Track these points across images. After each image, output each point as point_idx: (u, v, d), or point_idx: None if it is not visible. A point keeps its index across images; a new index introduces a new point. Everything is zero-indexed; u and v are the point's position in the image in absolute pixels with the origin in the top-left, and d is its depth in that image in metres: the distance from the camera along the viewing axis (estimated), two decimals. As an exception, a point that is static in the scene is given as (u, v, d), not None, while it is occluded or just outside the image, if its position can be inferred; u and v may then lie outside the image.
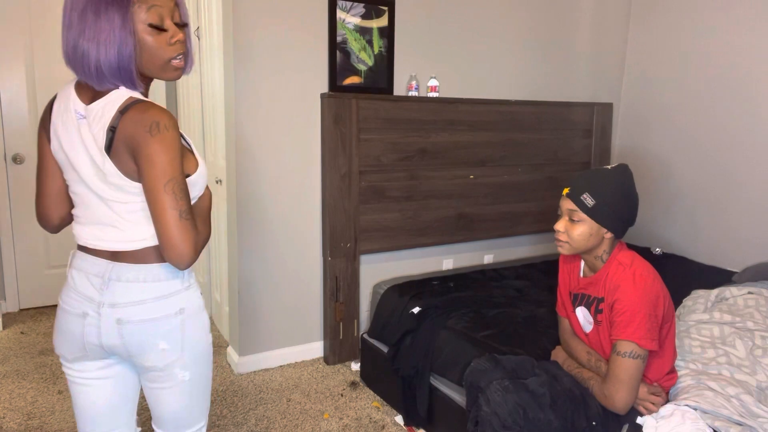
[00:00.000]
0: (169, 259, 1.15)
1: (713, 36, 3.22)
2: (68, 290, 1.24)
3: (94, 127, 1.15)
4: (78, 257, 1.25)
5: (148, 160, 1.10)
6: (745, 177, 3.12)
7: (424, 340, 2.30)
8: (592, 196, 1.65)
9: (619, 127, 3.81)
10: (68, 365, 1.30)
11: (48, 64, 3.48)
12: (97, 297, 1.20)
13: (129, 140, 1.11)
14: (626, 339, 1.59)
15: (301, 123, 2.76)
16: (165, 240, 1.12)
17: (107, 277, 1.20)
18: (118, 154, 1.13)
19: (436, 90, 2.99)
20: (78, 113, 1.17)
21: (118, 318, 1.19)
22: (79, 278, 1.23)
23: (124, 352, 1.24)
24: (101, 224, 1.21)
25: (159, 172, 1.10)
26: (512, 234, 3.42)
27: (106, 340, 1.22)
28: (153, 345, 1.22)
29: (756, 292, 2.43)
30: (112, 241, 1.20)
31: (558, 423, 1.64)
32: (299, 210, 2.82)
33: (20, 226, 3.52)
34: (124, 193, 1.17)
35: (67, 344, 1.26)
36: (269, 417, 2.42)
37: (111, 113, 1.13)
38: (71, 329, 1.24)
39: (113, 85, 1.15)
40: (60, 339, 1.27)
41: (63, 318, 1.25)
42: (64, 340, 1.26)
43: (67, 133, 1.18)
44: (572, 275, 1.87)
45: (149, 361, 1.24)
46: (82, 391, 1.31)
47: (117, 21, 1.10)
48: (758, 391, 1.78)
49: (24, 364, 2.85)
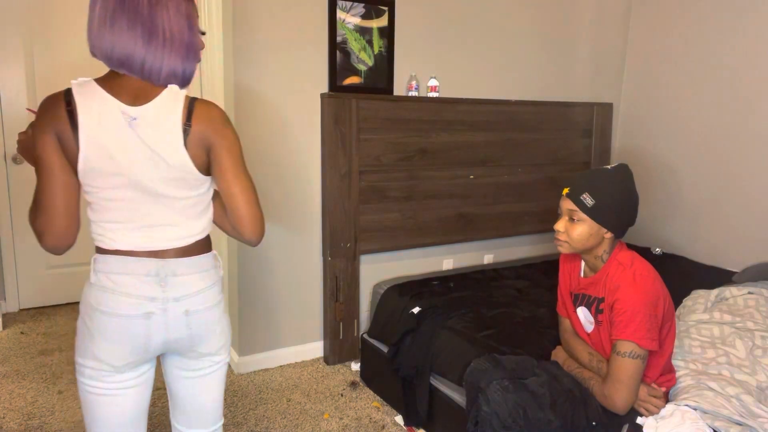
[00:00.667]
0: (252, 235, 1.26)
1: (713, 36, 3.22)
2: (114, 296, 1.19)
3: (160, 127, 1.15)
4: (117, 261, 1.20)
5: (229, 149, 1.21)
6: (745, 177, 3.12)
7: (424, 340, 2.30)
8: (592, 195, 1.65)
9: (619, 127, 3.81)
10: (106, 376, 1.22)
11: (48, 64, 3.48)
12: (160, 294, 1.21)
13: (203, 134, 1.18)
14: (626, 339, 1.59)
15: (301, 123, 2.76)
16: (251, 217, 1.25)
17: (164, 275, 1.22)
18: (192, 149, 1.18)
19: (436, 90, 2.99)
20: (128, 115, 1.14)
21: (185, 310, 1.25)
22: (127, 281, 1.20)
23: (186, 343, 1.28)
24: (152, 226, 1.21)
25: (238, 158, 1.23)
26: (512, 234, 3.42)
27: (172, 335, 1.25)
28: (213, 330, 1.31)
29: (756, 292, 2.43)
30: (165, 240, 1.23)
31: (558, 423, 1.64)
32: (299, 210, 2.82)
33: (20, 226, 3.52)
34: (187, 189, 1.22)
35: (120, 351, 1.21)
36: (269, 417, 2.42)
37: (178, 112, 1.17)
38: (131, 333, 1.20)
39: (165, 85, 1.19)
40: (108, 348, 1.20)
41: (116, 324, 1.19)
42: (115, 347, 1.20)
43: (115, 136, 1.13)
44: (572, 275, 1.87)
45: (208, 347, 1.32)
46: (113, 401, 1.25)
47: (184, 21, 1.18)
48: (758, 391, 1.78)
49: (24, 364, 2.85)
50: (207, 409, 1.39)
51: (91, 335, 1.21)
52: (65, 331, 3.28)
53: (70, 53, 3.52)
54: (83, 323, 1.23)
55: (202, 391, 1.37)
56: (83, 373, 1.23)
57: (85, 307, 1.22)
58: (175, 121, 1.16)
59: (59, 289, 3.68)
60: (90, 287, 1.22)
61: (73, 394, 2.57)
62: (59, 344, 3.10)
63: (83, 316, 1.23)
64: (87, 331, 1.21)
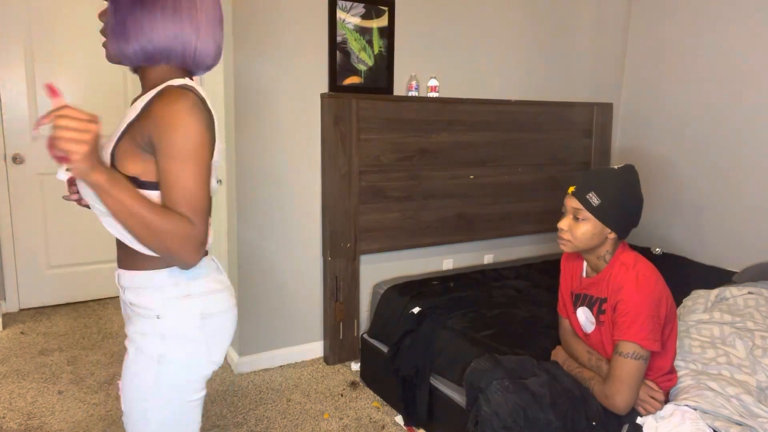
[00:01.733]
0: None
1: (713, 36, 3.22)
2: (224, 293, 1.22)
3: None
4: (209, 261, 1.21)
5: None
6: (745, 177, 3.12)
7: (424, 340, 2.30)
8: (597, 195, 1.64)
9: (619, 127, 3.81)
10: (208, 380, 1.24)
11: (48, 64, 3.48)
12: (229, 283, 1.29)
13: None
14: (629, 340, 1.59)
15: (301, 123, 2.76)
16: None
17: (221, 266, 1.29)
18: None
19: (436, 90, 2.99)
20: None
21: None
22: (222, 277, 1.25)
23: None
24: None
25: None
26: (512, 234, 3.42)
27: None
28: None
29: (756, 292, 2.43)
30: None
31: (558, 423, 1.64)
32: (299, 210, 2.82)
33: (20, 226, 3.52)
34: None
35: (226, 346, 1.25)
36: (269, 417, 2.42)
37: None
38: (235, 322, 1.27)
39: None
40: (226, 345, 1.24)
41: (231, 318, 1.23)
42: (230, 341, 1.26)
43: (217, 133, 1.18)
44: (574, 275, 1.87)
45: None
46: (201, 405, 1.25)
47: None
48: (758, 391, 1.78)
49: (24, 364, 2.85)
50: None
51: (206, 345, 1.18)
52: (65, 331, 3.29)
53: (70, 55, 3.52)
54: (190, 341, 1.16)
55: None
56: (194, 389, 1.19)
57: (193, 321, 1.16)
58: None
59: (59, 289, 3.68)
60: (189, 299, 1.16)
61: (73, 394, 2.57)
62: (59, 344, 3.10)
63: (188, 334, 1.16)
64: (198, 345, 1.17)
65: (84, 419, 2.37)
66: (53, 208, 3.60)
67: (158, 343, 1.13)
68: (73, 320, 3.45)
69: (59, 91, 0.95)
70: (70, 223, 3.66)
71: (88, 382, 2.69)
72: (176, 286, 1.14)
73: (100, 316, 3.52)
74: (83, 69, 3.58)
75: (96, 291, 3.80)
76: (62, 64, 3.51)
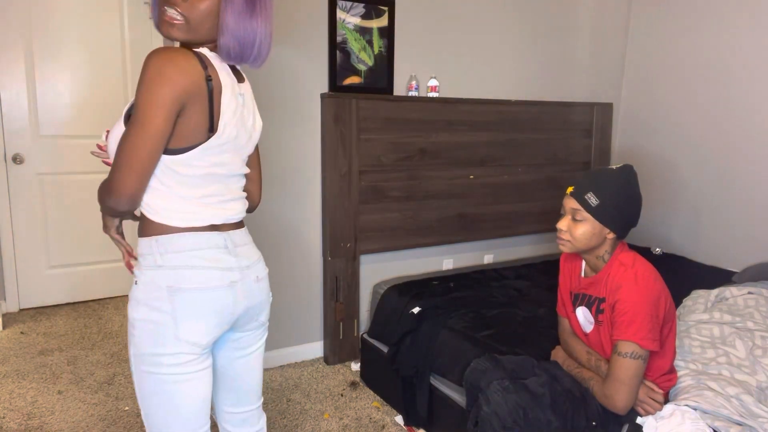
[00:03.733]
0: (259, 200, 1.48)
1: (713, 36, 3.22)
2: (199, 271, 1.20)
3: (250, 104, 1.30)
4: (192, 237, 1.20)
5: None
6: (744, 177, 3.12)
7: (424, 340, 2.30)
8: (596, 195, 1.65)
9: (619, 127, 3.81)
10: (190, 359, 1.21)
11: (48, 64, 3.48)
12: (235, 264, 1.27)
13: None
14: (627, 339, 1.59)
15: (301, 123, 2.76)
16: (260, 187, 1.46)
17: (231, 246, 1.27)
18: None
19: (436, 90, 2.99)
20: (240, 95, 1.25)
21: (256, 276, 1.33)
22: (209, 255, 1.22)
23: (257, 310, 1.35)
24: (238, 199, 1.31)
25: None
26: (512, 234, 3.42)
27: (251, 301, 1.31)
28: (269, 298, 1.41)
29: (756, 292, 2.43)
30: (241, 212, 1.32)
31: (558, 423, 1.64)
32: (299, 210, 2.82)
33: (20, 226, 3.52)
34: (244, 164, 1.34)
35: (207, 327, 1.22)
36: (269, 417, 2.42)
37: (250, 90, 1.32)
38: (220, 304, 1.23)
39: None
40: (195, 327, 1.20)
41: (209, 298, 1.21)
42: (202, 324, 1.21)
43: (236, 113, 1.22)
44: (573, 275, 1.87)
45: (266, 315, 1.40)
46: (194, 386, 1.24)
47: None
48: (758, 391, 1.78)
49: (24, 364, 2.85)
50: (257, 382, 1.46)
51: (173, 319, 1.18)
52: (65, 331, 3.29)
53: (70, 55, 3.52)
54: (155, 311, 1.18)
55: (255, 366, 1.44)
56: (161, 363, 1.19)
57: (158, 292, 1.18)
58: (252, 99, 1.33)
59: (59, 289, 3.68)
60: (160, 270, 1.18)
61: (73, 394, 2.57)
62: (59, 344, 3.10)
63: (153, 303, 1.18)
64: (164, 316, 1.18)
65: (84, 419, 2.37)
66: (53, 208, 3.60)
67: (134, 307, 1.21)
68: (73, 320, 3.45)
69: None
70: (70, 223, 3.66)
71: (88, 382, 2.69)
72: (150, 255, 1.19)
73: (100, 316, 3.52)
74: (83, 69, 3.58)
75: (96, 291, 3.80)
76: (62, 64, 3.51)
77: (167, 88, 1.07)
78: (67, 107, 3.56)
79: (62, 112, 3.55)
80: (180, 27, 1.15)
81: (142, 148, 1.09)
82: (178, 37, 1.16)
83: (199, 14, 1.14)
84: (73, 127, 3.59)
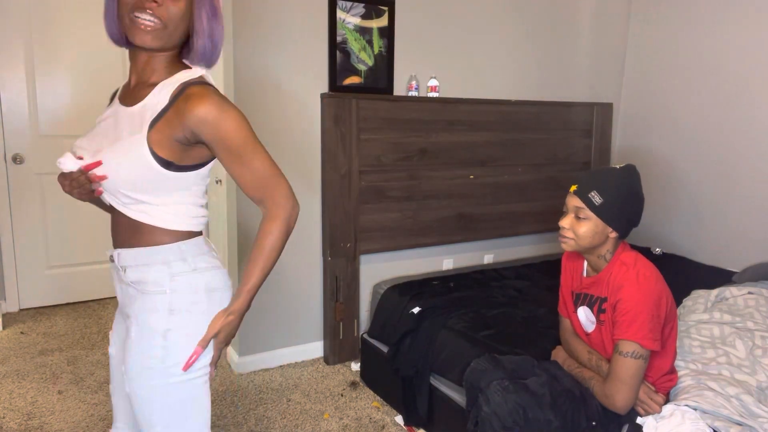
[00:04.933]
0: None
1: (713, 36, 3.22)
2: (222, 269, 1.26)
3: None
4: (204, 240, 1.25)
5: None
6: (745, 177, 3.12)
7: (424, 340, 2.30)
8: (599, 194, 1.65)
9: (619, 127, 3.81)
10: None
11: (48, 64, 3.48)
12: None
13: None
14: (629, 339, 1.59)
15: (301, 123, 2.76)
16: None
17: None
18: None
19: (436, 90, 2.99)
20: None
21: None
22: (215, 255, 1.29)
23: None
24: None
25: None
26: (512, 234, 3.42)
27: None
28: None
29: (756, 292, 2.43)
30: None
31: (558, 423, 1.64)
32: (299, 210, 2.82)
33: (20, 226, 3.52)
34: None
35: None
36: (269, 417, 2.42)
37: None
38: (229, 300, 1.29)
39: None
40: None
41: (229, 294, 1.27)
42: None
43: None
44: (575, 275, 1.87)
45: None
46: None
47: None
48: (758, 391, 1.78)
49: (24, 364, 2.85)
50: None
51: (209, 319, 1.20)
52: (65, 331, 3.29)
53: (70, 55, 3.52)
54: (195, 314, 1.18)
55: None
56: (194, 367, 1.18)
57: (196, 295, 1.18)
58: None
59: (59, 289, 3.68)
60: (195, 273, 1.19)
61: (73, 394, 2.57)
62: (59, 344, 3.10)
63: (192, 308, 1.18)
64: (203, 317, 1.19)
65: (84, 419, 2.37)
66: (53, 208, 3.60)
67: (166, 318, 1.16)
68: (73, 320, 3.45)
69: None
70: (70, 223, 3.66)
71: (88, 382, 2.69)
72: (184, 261, 1.18)
73: (100, 316, 3.52)
74: (83, 69, 3.58)
75: (96, 291, 3.80)
76: (62, 64, 3.51)
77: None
78: (67, 107, 3.56)
79: (62, 112, 3.55)
80: (156, 33, 1.11)
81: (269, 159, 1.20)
82: (152, 45, 1.13)
83: (175, 17, 1.12)
84: (73, 127, 3.59)
